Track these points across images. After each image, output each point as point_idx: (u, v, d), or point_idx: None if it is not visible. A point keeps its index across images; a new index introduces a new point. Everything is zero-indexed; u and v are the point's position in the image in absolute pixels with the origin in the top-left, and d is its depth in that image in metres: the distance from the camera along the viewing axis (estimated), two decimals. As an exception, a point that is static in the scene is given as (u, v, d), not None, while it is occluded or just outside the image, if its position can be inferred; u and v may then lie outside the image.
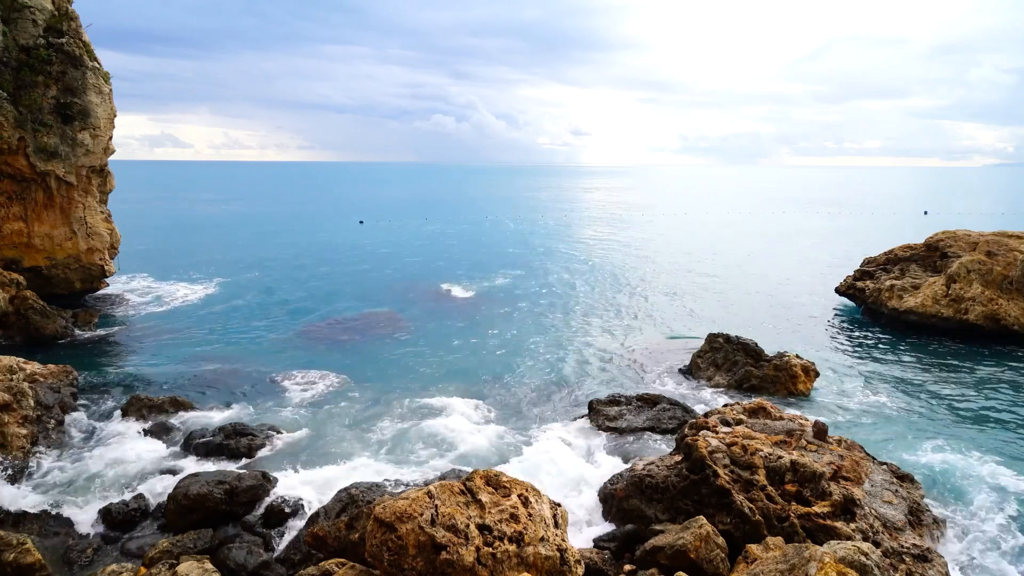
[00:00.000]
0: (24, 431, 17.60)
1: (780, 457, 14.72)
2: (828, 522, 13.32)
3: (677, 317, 35.99)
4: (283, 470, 17.74)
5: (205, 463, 17.99)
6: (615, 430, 20.01)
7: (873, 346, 30.42)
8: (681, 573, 11.93)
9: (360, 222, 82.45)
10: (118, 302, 37.38)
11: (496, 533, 10.82)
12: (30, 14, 31.46)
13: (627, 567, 13.18)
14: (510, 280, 46.16)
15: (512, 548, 10.70)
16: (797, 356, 24.11)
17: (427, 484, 12.61)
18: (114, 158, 37.60)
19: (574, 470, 17.90)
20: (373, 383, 24.86)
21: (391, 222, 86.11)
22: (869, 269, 39.75)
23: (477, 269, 50.42)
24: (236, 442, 18.65)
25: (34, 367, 20.53)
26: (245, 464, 17.92)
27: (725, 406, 18.85)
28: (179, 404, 20.86)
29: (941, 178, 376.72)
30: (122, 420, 20.13)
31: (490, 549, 10.58)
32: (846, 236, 75.25)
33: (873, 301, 36.64)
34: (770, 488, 14.14)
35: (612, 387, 24.73)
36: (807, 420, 17.38)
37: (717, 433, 16.00)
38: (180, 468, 17.85)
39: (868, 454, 17.02)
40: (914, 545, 13.15)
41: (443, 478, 15.94)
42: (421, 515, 10.75)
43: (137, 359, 27.38)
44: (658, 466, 15.74)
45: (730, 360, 24.56)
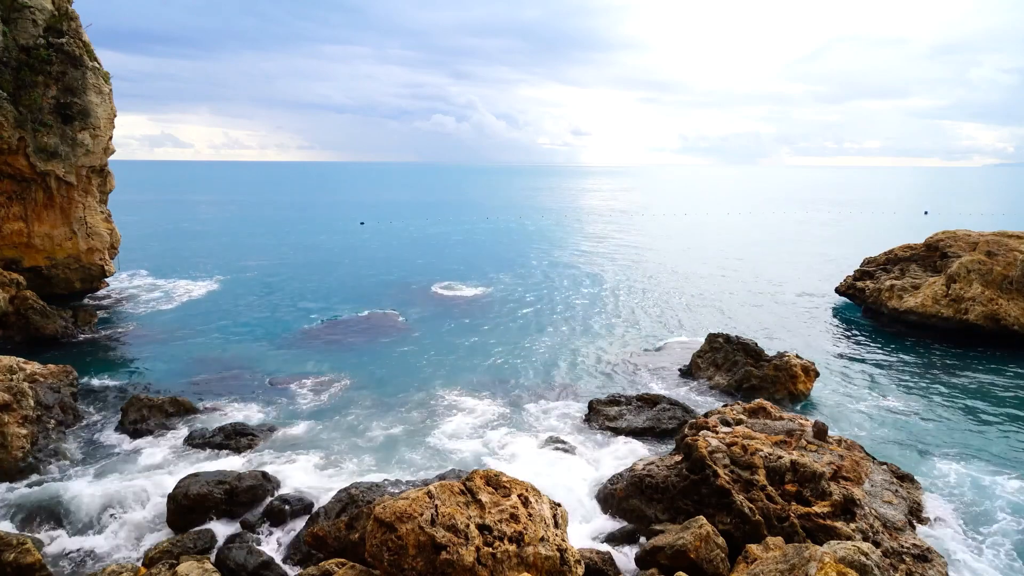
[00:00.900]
0: (24, 431, 17.60)
1: (780, 457, 14.72)
2: (828, 522, 13.32)
3: (677, 317, 35.99)
4: (283, 470, 17.75)
5: (205, 463, 17.99)
6: (615, 430, 20.01)
7: (873, 346, 30.42)
8: (681, 573, 11.93)
9: (361, 223, 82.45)
10: (118, 302, 37.38)
11: (496, 533, 10.82)
12: (30, 14, 31.46)
13: (627, 566, 13.19)
14: (510, 280, 46.16)
15: (512, 548, 10.70)
16: (797, 356, 24.11)
17: (427, 484, 12.61)
18: (114, 158, 37.60)
19: (574, 470, 17.91)
20: (373, 383, 24.86)
21: (392, 223, 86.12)
22: (869, 269, 39.75)
23: (478, 270, 50.42)
24: (236, 442, 18.67)
25: (34, 367, 20.53)
26: (245, 464, 17.92)
27: (725, 406, 18.85)
28: (179, 404, 20.86)
29: (941, 178, 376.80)
30: (122, 420, 20.13)
31: (490, 549, 10.58)
32: (846, 236, 75.27)
33: (873, 301, 36.64)
34: (770, 488, 14.14)
35: (612, 387, 24.74)
36: (807, 420, 17.38)
37: (717, 433, 16.00)
38: (180, 468, 17.86)
39: (868, 454, 17.02)
40: (914, 545, 13.15)
41: (443, 478, 15.93)
42: (421, 515, 10.75)
43: (137, 359, 27.38)
44: (658, 466, 15.75)
45: (730, 360, 24.56)
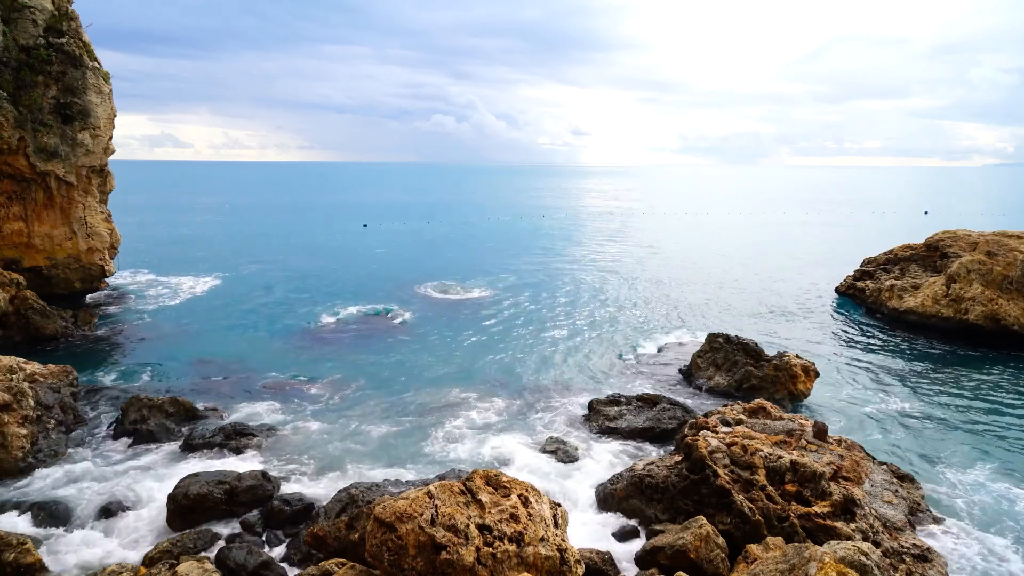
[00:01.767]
0: (24, 431, 17.60)
1: (780, 457, 14.72)
2: (828, 522, 13.32)
3: (677, 317, 35.99)
4: (283, 470, 17.76)
5: (205, 463, 17.99)
6: (615, 430, 20.01)
7: (873, 346, 30.42)
8: (681, 573, 11.93)
9: (364, 225, 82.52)
10: (118, 302, 37.38)
11: (496, 533, 10.82)
12: (30, 14, 31.45)
13: (627, 566, 13.19)
14: (510, 281, 46.17)
15: (512, 548, 10.70)
16: (797, 356, 24.11)
17: (427, 484, 12.61)
18: (114, 158, 37.59)
19: (574, 470, 17.92)
20: (374, 383, 24.86)
21: (393, 224, 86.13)
22: (869, 269, 39.77)
23: (478, 270, 50.43)
24: (236, 442, 18.66)
25: (34, 367, 20.53)
26: (245, 464, 17.91)
27: (725, 406, 18.86)
28: (179, 404, 20.84)
29: (941, 178, 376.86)
30: (122, 420, 20.11)
31: (490, 549, 10.58)
32: (846, 236, 75.28)
33: (873, 301, 36.65)
34: (770, 488, 14.14)
35: (612, 387, 24.74)
36: (807, 420, 17.38)
37: (717, 433, 16.00)
38: (180, 468, 17.86)
39: (868, 454, 17.03)
40: (914, 545, 13.15)
41: (443, 478, 15.93)
42: (421, 515, 10.74)
43: (137, 359, 27.37)
44: (658, 466, 15.75)
45: (730, 360, 24.56)
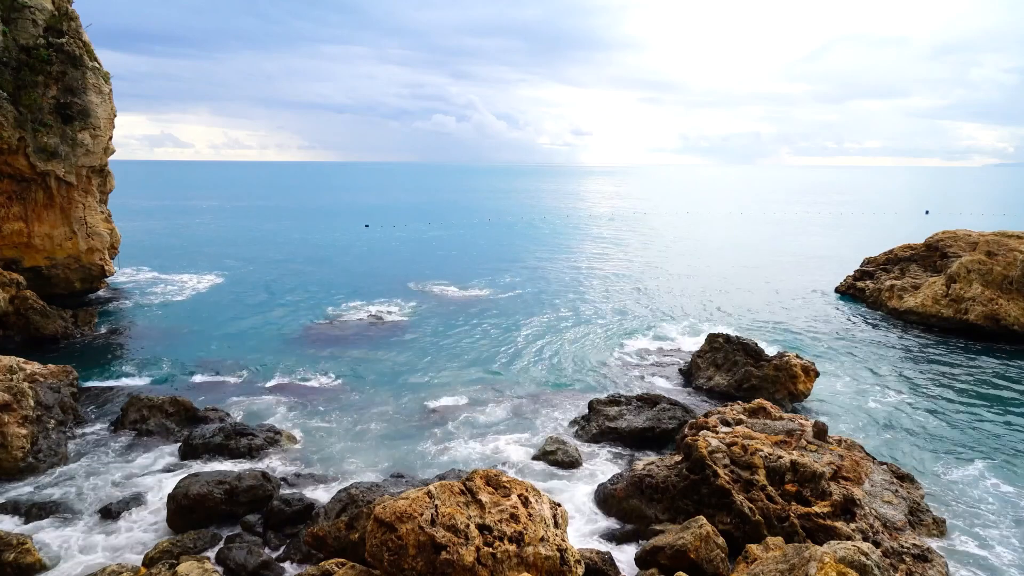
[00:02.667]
0: (24, 431, 17.60)
1: (780, 457, 14.73)
2: (828, 522, 13.33)
3: (677, 317, 35.99)
4: (283, 470, 17.76)
5: (205, 463, 17.98)
6: (615, 430, 20.00)
7: (873, 346, 30.40)
8: (681, 573, 11.93)
9: (366, 225, 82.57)
10: (118, 301, 37.38)
11: (496, 533, 10.82)
12: (30, 14, 31.46)
13: (627, 567, 13.19)
14: (511, 281, 46.17)
15: (512, 548, 10.70)
16: (797, 356, 24.11)
17: (427, 484, 12.61)
18: (114, 158, 37.61)
19: (574, 470, 17.92)
20: (373, 383, 24.87)
21: (393, 224, 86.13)
22: (869, 269, 39.79)
23: (479, 270, 50.44)
24: (236, 442, 18.64)
25: (34, 367, 20.52)
26: (245, 464, 17.91)
27: (725, 406, 18.85)
28: (179, 404, 20.83)
29: (941, 178, 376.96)
30: (122, 420, 20.12)
31: (490, 549, 10.58)
32: (846, 236, 75.28)
33: (873, 301, 36.66)
34: (770, 488, 14.14)
35: (612, 387, 24.74)
36: (807, 420, 17.38)
37: (717, 433, 16.01)
38: (180, 468, 17.86)
39: (868, 454, 17.03)
40: (914, 545, 13.15)
41: (443, 478, 15.93)
42: (421, 515, 10.74)
43: (137, 359, 27.37)
44: (658, 466, 15.75)
45: (730, 360, 24.56)
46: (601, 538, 14.63)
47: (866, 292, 37.53)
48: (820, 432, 16.62)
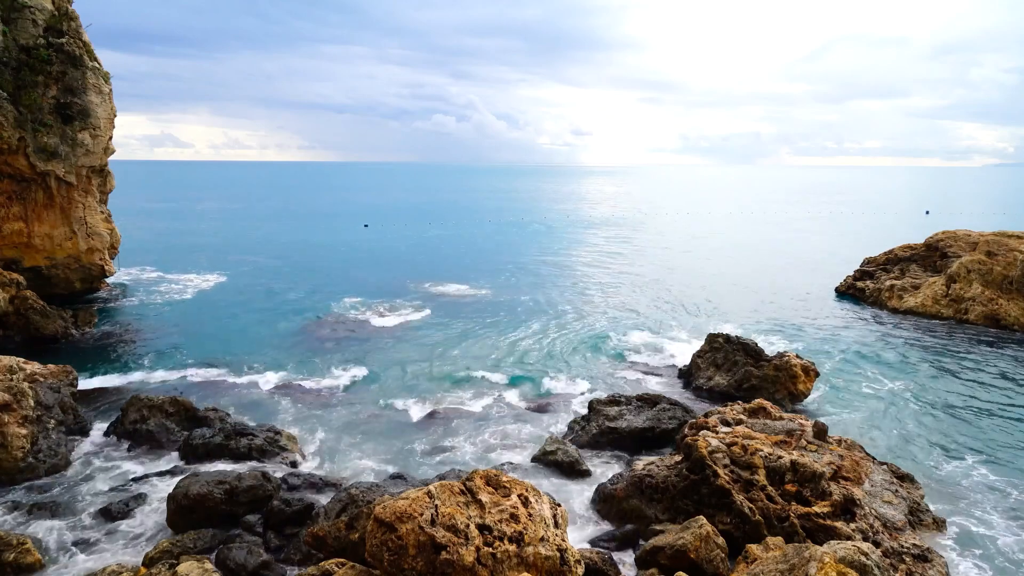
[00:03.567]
0: (24, 431, 17.59)
1: (780, 457, 14.72)
2: (828, 522, 13.33)
3: (677, 316, 35.99)
4: (283, 470, 17.75)
5: (205, 463, 17.98)
6: (615, 430, 19.99)
7: (873, 346, 30.39)
8: (681, 573, 11.93)
9: (365, 225, 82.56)
10: (119, 301, 37.38)
11: (496, 533, 10.82)
12: (30, 14, 31.45)
13: (628, 567, 13.19)
14: (510, 281, 46.18)
15: (512, 548, 10.70)
16: (797, 356, 24.11)
17: (427, 484, 12.61)
18: (114, 158, 37.60)
19: (574, 470, 17.90)
20: (373, 383, 24.87)
21: (394, 224, 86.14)
22: (869, 269, 39.79)
23: (479, 270, 50.45)
24: (236, 442, 18.63)
25: (34, 367, 20.51)
26: (245, 464, 17.90)
27: (725, 406, 18.85)
28: (179, 404, 20.81)
29: (941, 178, 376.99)
30: (122, 420, 20.10)
31: (490, 549, 10.58)
32: (846, 236, 75.28)
33: (873, 301, 36.66)
34: (770, 488, 14.14)
35: (612, 387, 24.73)
36: (807, 420, 17.37)
37: (717, 433, 16.00)
38: (180, 468, 17.86)
39: (868, 454, 17.03)
40: (914, 545, 13.15)
41: (443, 478, 15.93)
42: (421, 515, 10.74)
43: (137, 359, 27.37)
44: (658, 466, 15.75)
45: (730, 360, 24.55)
46: (601, 538, 14.62)
47: (866, 292, 37.53)
48: (820, 432, 16.62)
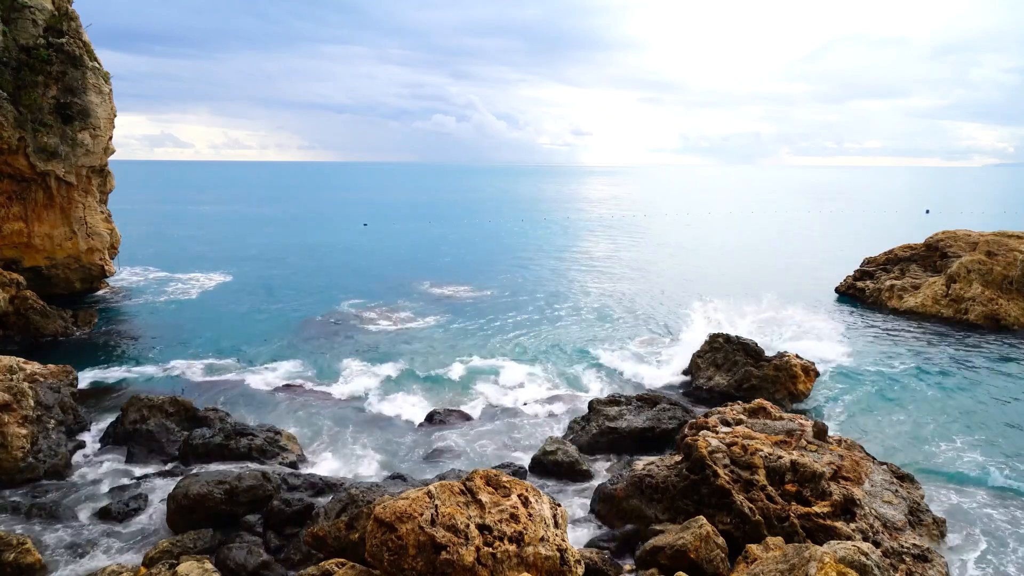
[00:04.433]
0: (24, 431, 17.59)
1: (780, 457, 14.72)
2: (828, 522, 13.32)
3: (677, 316, 35.99)
4: (283, 470, 17.74)
5: (205, 463, 17.97)
6: (615, 430, 19.99)
7: (873, 346, 30.39)
8: (681, 573, 11.93)
9: (364, 224, 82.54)
10: (119, 302, 37.38)
11: (496, 533, 10.82)
12: (30, 14, 31.46)
13: (627, 567, 13.19)
14: (510, 281, 46.18)
15: (512, 548, 10.70)
16: (797, 356, 24.10)
17: (427, 484, 12.61)
18: (114, 158, 37.61)
19: (574, 470, 17.90)
20: (374, 383, 24.84)
21: (394, 224, 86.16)
22: (869, 269, 39.79)
23: (479, 270, 50.45)
24: (236, 442, 18.63)
25: (34, 367, 20.51)
26: (245, 464, 17.90)
27: (725, 406, 18.85)
28: (179, 404, 20.80)
29: (941, 178, 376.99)
30: (122, 420, 20.09)
31: (490, 549, 10.58)
32: (846, 236, 75.27)
33: (873, 301, 36.67)
34: (770, 488, 14.14)
35: (612, 387, 24.74)
36: (807, 420, 17.37)
37: (717, 433, 16.00)
38: (180, 468, 17.86)
39: (868, 454, 17.02)
40: (914, 545, 13.15)
41: (443, 478, 15.93)
42: (421, 515, 10.74)
43: (137, 359, 27.38)
44: (658, 466, 15.75)
45: (730, 360, 24.55)
46: (601, 538, 14.62)
47: (866, 292, 37.53)
48: (820, 432, 16.62)
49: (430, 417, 21.71)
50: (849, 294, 39.16)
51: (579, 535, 14.82)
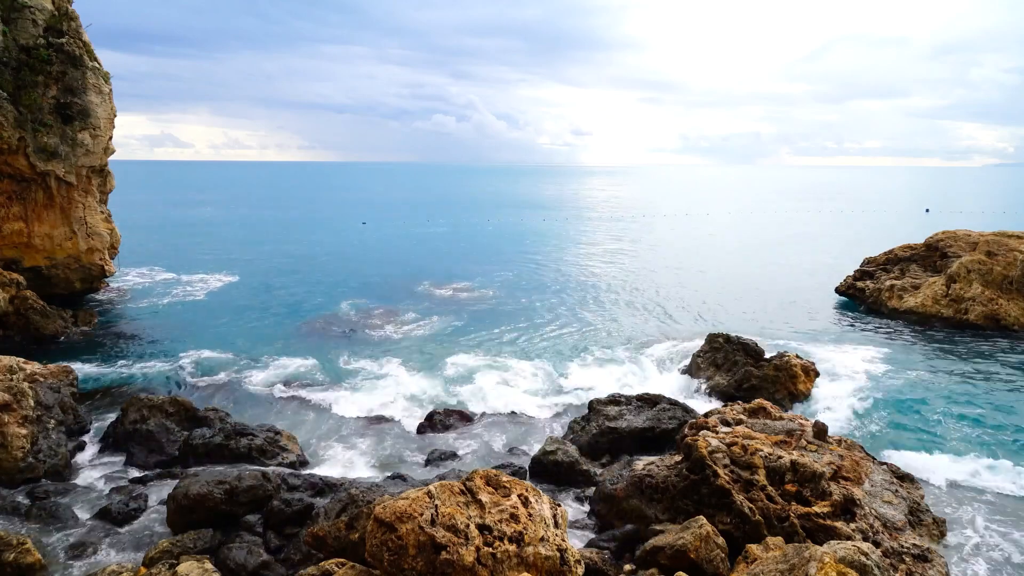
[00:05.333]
0: (24, 431, 17.59)
1: (780, 457, 14.72)
2: (828, 522, 13.32)
3: (677, 317, 35.99)
4: (283, 470, 17.75)
5: (205, 463, 17.97)
6: (615, 430, 19.99)
7: (873, 346, 30.37)
8: (681, 573, 11.93)
9: (363, 223, 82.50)
10: (119, 301, 37.38)
11: (496, 533, 10.82)
12: (30, 14, 31.44)
13: (627, 567, 13.19)
14: (510, 281, 46.17)
15: (512, 548, 10.70)
16: (797, 356, 24.10)
17: (427, 484, 12.61)
18: (114, 158, 37.59)
19: (573, 470, 17.90)
20: (374, 384, 24.85)
21: (394, 223, 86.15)
22: (869, 269, 39.76)
23: (479, 270, 50.43)
24: (236, 442, 18.63)
25: (34, 367, 20.51)
26: (245, 464, 17.90)
27: (725, 406, 18.85)
28: (179, 404, 20.81)
29: (941, 178, 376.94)
30: (122, 420, 20.10)
31: (490, 549, 10.58)
32: (846, 236, 75.25)
33: (873, 301, 36.65)
34: (770, 488, 14.14)
35: (612, 387, 24.72)
36: (807, 420, 17.38)
37: (717, 433, 16.00)
38: (180, 468, 17.86)
39: (868, 454, 17.02)
40: (914, 545, 13.15)
41: (443, 478, 15.93)
42: (421, 515, 10.74)
43: (137, 359, 27.36)
44: (658, 466, 15.74)
45: (730, 360, 24.55)
46: (601, 538, 14.62)
47: (866, 292, 37.51)
48: (820, 432, 16.61)
49: (430, 417, 21.70)
50: (849, 294, 39.13)
51: (579, 535, 14.82)
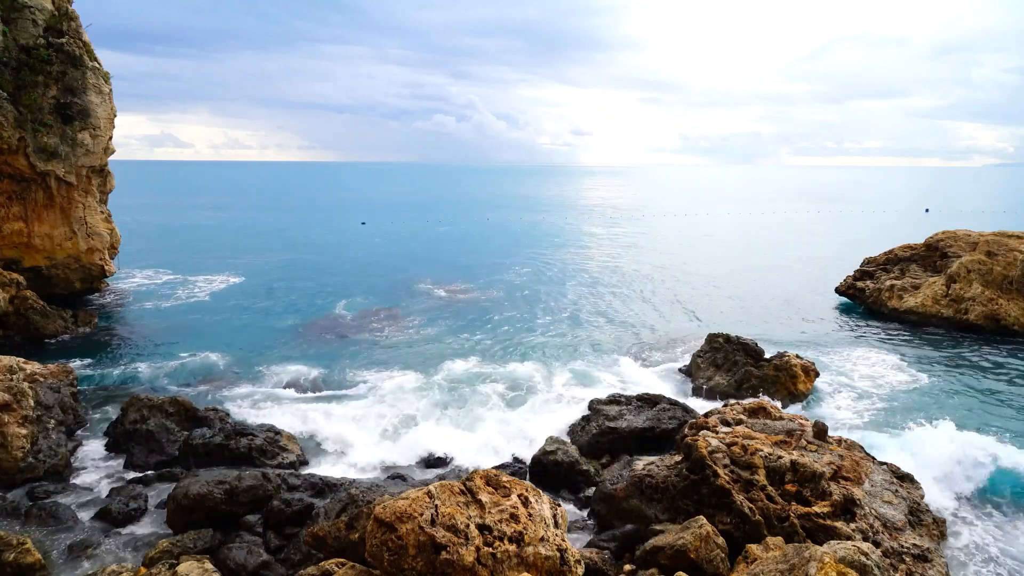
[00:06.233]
0: (24, 431, 17.60)
1: (780, 457, 14.72)
2: (828, 522, 13.32)
3: (677, 317, 35.99)
4: (283, 470, 17.75)
5: (205, 463, 17.97)
6: (615, 430, 19.99)
7: (873, 346, 30.39)
8: (681, 573, 11.93)
9: (363, 223, 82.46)
10: (119, 301, 37.38)
11: (496, 533, 10.82)
12: (30, 14, 31.45)
13: (627, 567, 13.19)
14: (510, 281, 46.16)
15: (512, 548, 10.70)
16: (797, 356, 24.09)
17: (427, 484, 12.61)
18: (114, 158, 37.60)
19: (574, 470, 17.90)
20: (374, 384, 24.84)
21: (394, 224, 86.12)
22: (869, 269, 39.75)
23: (479, 270, 50.44)
24: (236, 442, 18.62)
25: (34, 367, 20.52)
26: (245, 464, 17.89)
27: (725, 406, 18.85)
28: (179, 404, 20.81)
29: (941, 178, 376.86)
30: (122, 420, 20.09)
31: (490, 549, 10.58)
32: (846, 236, 75.24)
33: (873, 301, 36.64)
34: (770, 488, 14.14)
35: (612, 387, 24.71)
36: (807, 420, 17.38)
37: (717, 433, 16.00)
38: (180, 468, 17.86)
39: (868, 454, 17.02)
40: (914, 545, 13.15)
41: (443, 478, 15.93)
42: (421, 515, 10.74)
43: (137, 359, 27.36)
44: (658, 466, 15.74)
45: (730, 360, 24.55)
46: (601, 538, 14.63)
47: (866, 292, 37.50)
48: (820, 432, 16.61)
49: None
50: (849, 294, 39.12)
51: (579, 535, 14.82)
